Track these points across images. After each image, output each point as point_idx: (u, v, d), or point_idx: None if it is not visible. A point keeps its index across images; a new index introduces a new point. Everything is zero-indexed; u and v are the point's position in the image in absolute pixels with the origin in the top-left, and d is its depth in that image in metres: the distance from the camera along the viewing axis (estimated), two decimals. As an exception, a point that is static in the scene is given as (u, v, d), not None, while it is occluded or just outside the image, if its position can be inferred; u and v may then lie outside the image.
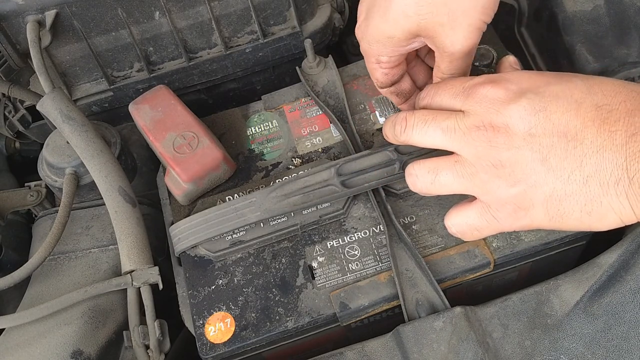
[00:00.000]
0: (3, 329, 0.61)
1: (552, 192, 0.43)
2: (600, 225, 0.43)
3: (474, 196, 0.48)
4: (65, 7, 0.64)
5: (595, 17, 0.68)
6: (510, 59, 0.54)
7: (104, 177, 0.61)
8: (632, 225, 0.42)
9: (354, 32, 0.56)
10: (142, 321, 0.59)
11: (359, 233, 0.58)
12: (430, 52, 0.57)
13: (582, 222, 0.43)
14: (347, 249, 0.58)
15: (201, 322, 0.56)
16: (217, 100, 0.80)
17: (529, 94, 0.43)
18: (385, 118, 0.65)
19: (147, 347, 0.57)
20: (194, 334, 0.57)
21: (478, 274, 0.56)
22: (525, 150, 0.43)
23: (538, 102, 0.43)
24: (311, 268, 0.57)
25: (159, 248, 0.68)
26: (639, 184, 0.39)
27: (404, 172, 0.56)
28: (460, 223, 0.49)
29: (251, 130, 0.68)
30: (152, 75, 0.71)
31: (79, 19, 0.66)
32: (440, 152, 0.49)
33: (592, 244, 0.61)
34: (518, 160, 0.43)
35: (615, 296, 0.50)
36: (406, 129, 0.50)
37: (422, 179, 0.49)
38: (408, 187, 0.58)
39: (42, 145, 0.68)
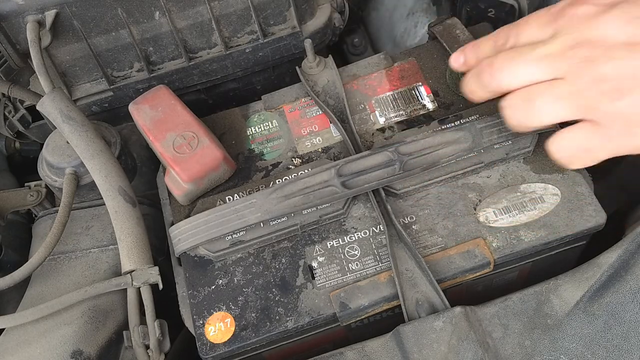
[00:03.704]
0: (3, 329, 0.61)
1: None
2: None
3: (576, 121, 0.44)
4: (65, 7, 0.64)
5: (596, 17, 0.68)
6: None
7: (104, 177, 0.61)
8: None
9: (354, 31, 0.55)
10: (142, 321, 0.59)
11: (359, 233, 0.58)
12: None
13: None
14: (347, 249, 0.58)
15: (201, 322, 0.56)
16: (217, 100, 0.80)
17: (621, 4, 0.41)
18: (385, 118, 0.65)
19: (147, 347, 0.57)
20: (194, 334, 0.57)
21: (478, 274, 0.56)
22: (627, 60, 0.41)
23: (631, 10, 0.41)
24: (311, 268, 0.57)
25: (159, 248, 0.68)
26: None
27: (404, 172, 0.56)
28: (569, 146, 0.45)
29: (251, 130, 0.68)
30: (152, 75, 0.71)
31: (79, 19, 0.66)
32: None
33: (592, 244, 0.61)
34: (621, 71, 0.41)
35: (615, 296, 0.50)
36: (494, 73, 0.45)
37: (518, 110, 0.45)
38: (409, 186, 0.59)
39: (42, 145, 0.68)
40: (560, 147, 0.45)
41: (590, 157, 0.45)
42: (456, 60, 0.52)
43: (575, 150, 0.45)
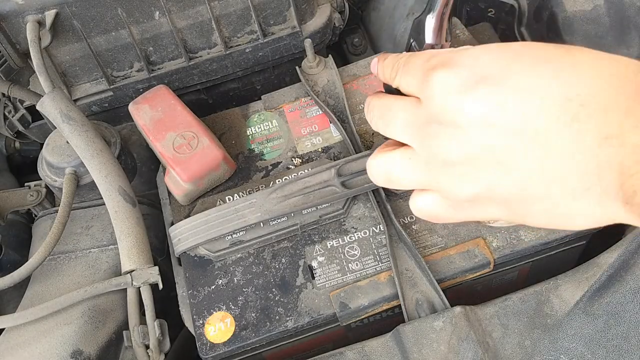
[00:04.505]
0: (3, 329, 0.61)
1: (509, 196, 0.38)
2: (568, 227, 0.38)
3: None
4: (65, 7, 0.64)
5: (595, 17, 0.68)
6: None
7: (104, 177, 0.61)
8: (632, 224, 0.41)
9: (354, 31, 0.55)
10: (142, 321, 0.59)
11: (359, 233, 0.58)
12: None
13: (546, 224, 0.39)
14: (347, 248, 0.58)
15: (201, 322, 0.56)
16: (217, 100, 0.80)
17: (484, 85, 0.37)
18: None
19: (147, 347, 0.57)
20: (194, 333, 0.57)
21: (478, 273, 0.56)
22: (477, 150, 0.38)
23: (493, 96, 0.37)
24: (311, 268, 0.57)
25: (159, 248, 0.68)
26: (615, 194, 0.33)
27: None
28: (420, 209, 0.45)
29: (251, 130, 0.68)
30: (152, 75, 0.71)
31: (79, 19, 0.66)
32: None
33: (592, 244, 0.61)
34: (471, 161, 0.38)
35: (615, 296, 0.50)
36: (372, 120, 0.47)
37: (376, 176, 0.46)
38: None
39: (42, 145, 0.68)
40: (414, 208, 0.45)
41: (437, 221, 0.45)
42: (373, 69, 0.50)
43: (425, 214, 0.45)
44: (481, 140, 0.38)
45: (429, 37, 0.53)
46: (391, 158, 0.45)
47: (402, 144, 0.44)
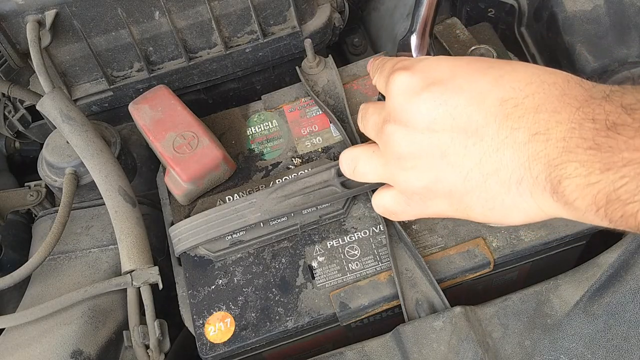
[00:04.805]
0: (3, 329, 0.61)
1: (452, 188, 0.42)
2: (506, 221, 0.42)
3: None
4: (65, 7, 0.64)
5: (595, 17, 0.68)
6: None
7: (104, 177, 0.61)
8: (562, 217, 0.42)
9: (354, 31, 0.57)
10: (142, 321, 0.59)
11: (359, 233, 0.58)
12: None
13: (486, 217, 0.43)
14: (347, 248, 0.58)
15: (201, 322, 0.56)
16: (217, 100, 0.80)
17: (433, 87, 0.42)
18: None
19: (147, 347, 0.57)
20: (193, 333, 0.57)
21: (478, 273, 0.56)
22: (424, 145, 0.43)
23: (440, 96, 0.42)
24: (311, 268, 0.57)
25: (159, 248, 0.68)
26: (544, 185, 0.37)
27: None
28: (379, 205, 0.51)
29: (251, 130, 0.68)
30: (152, 75, 0.71)
31: (79, 19, 0.66)
32: None
33: (592, 244, 0.61)
34: (419, 155, 0.43)
35: (615, 296, 0.50)
36: (359, 124, 0.52)
37: (345, 167, 0.52)
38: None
39: (42, 145, 0.68)
40: (375, 204, 0.51)
41: (395, 218, 0.51)
42: (368, 68, 0.57)
43: (383, 210, 0.51)
44: (428, 136, 0.42)
45: (414, 54, 0.59)
46: (357, 152, 0.51)
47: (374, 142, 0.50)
